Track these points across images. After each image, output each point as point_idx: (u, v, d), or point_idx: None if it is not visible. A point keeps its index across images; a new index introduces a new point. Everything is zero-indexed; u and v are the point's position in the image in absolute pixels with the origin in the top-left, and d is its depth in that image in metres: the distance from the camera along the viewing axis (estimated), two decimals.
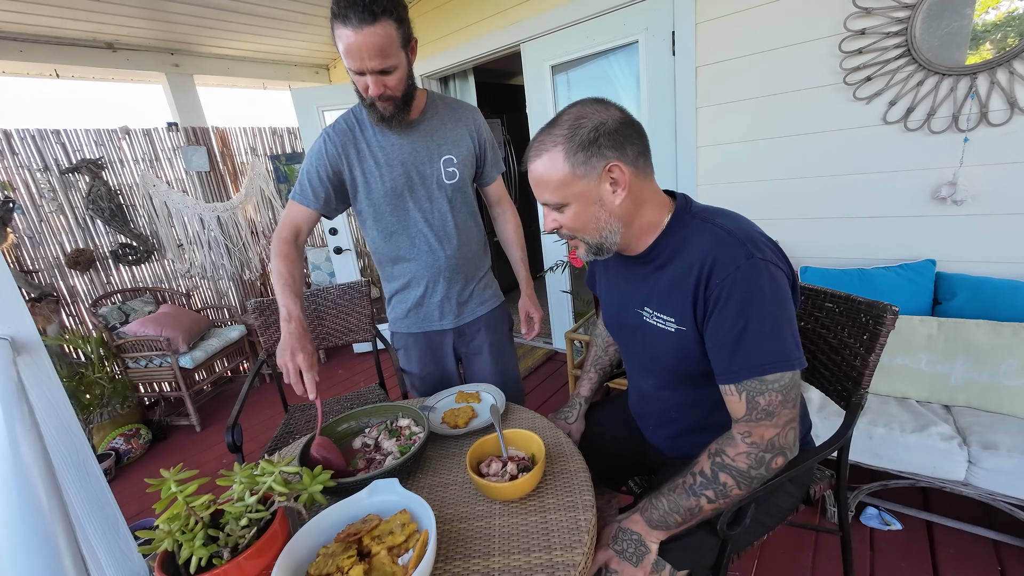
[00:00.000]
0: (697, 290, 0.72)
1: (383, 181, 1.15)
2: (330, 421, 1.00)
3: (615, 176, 0.72)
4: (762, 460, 0.70)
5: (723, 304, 0.69)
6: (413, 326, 1.31)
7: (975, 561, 1.30)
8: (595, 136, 0.70)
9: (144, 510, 2.02)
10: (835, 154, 1.78)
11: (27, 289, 2.51)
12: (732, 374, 0.70)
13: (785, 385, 0.68)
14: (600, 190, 0.73)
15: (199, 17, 2.64)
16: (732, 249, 0.70)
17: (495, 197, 1.35)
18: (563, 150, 0.71)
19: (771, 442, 0.70)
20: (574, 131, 0.71)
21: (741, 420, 0.71)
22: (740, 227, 0.73)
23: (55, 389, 0.74)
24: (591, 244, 0.79)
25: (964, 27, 1.46)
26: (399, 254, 1.24)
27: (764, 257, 0.69)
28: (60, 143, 2.71)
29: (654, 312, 0.81)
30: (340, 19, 0.90)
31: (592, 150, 0.71)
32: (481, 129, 1.24)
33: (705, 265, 0.71)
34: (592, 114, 0.72)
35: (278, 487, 0.65)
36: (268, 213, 3.65)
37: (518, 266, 1.36)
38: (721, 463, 0.71)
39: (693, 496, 0.72)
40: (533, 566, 0.64)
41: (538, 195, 0.78)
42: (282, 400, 1.81)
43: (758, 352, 0.67)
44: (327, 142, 1.14)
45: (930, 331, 1.47)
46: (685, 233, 0.77)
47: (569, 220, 0.77)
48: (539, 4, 2.40)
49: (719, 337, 0.71)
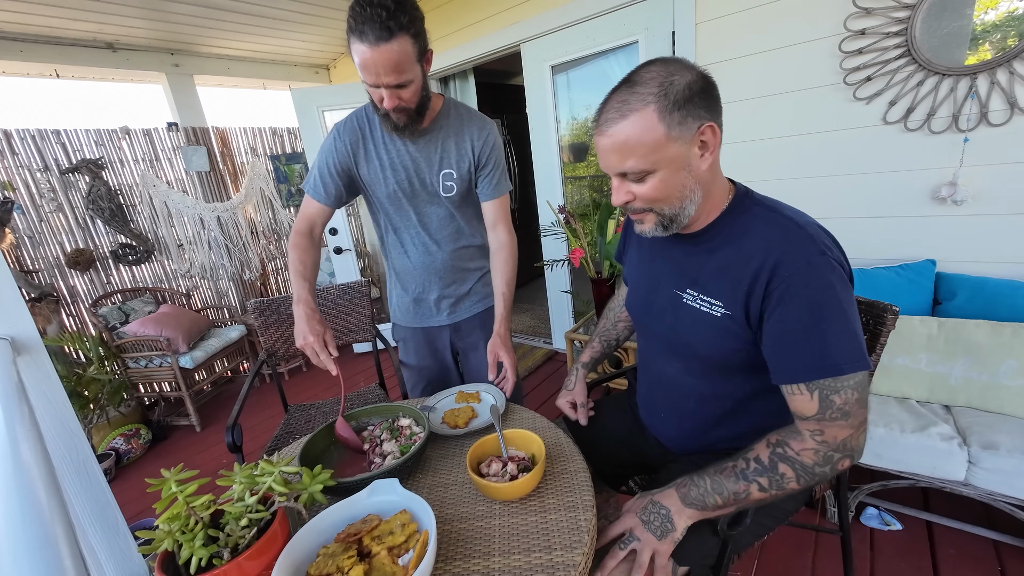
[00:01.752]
0: (756, 280, 0.69)
1: (386, 184, 1.17)
2: (330, 421, 1.00)
3: (706, 139, 0.68)
4: (830, 459, 0.67)
5: (790, 300, 0.66)
6: (411, 320, 1.35)
7: (975, 561, 1.30)
8: (689, 94, 0.65)
9: (144, 510, 2.02)
10: (835, 154, 1.78)
11: (27, 289, 2.51)
12: (798, 372, 0.66)
13: (859, 382, 0.65)
14: (691, 154, 0.68)
15: (199, 17, 2.63)
16: (803, 244, 0.67)
17: (491, 218, 1.23)
18: (656, 109, 0.65)
19: (844, 443, 0.66)
20: (667, 88, 0.65)
21: (811, 418, 0.67)
22: (809, 223, 0.71)
23: (55, 389, 0.74)
24: (665, 215, 0.73)
25: (964, 27, 1.46)
26: (398, 250, 1.28)
27: (834, 256, 0.67)
28: (60, 143, 2.71)
29: (699, 295, 0.77)
30: (356, 34, 0.89)
31: (688, 109, 0.65)
32: (485, 146, 1.17)
33: (771, 256, 0.68)
34: (681, 71, 0.66)
35: (278, 487, 0.65)
36: (268, 213, 3.65)
37: (498, 299, 1.20)
38: (783, 454, 0.68)
39: (743, 480, 0.69)
40: (533, 566, 0.64)
41: (617, 163, 0.70)
42: (282, 400, 1.81)
43: (835, 350, 0.64)
44: (337, 140, 1.15)
45: (930, 331, 1.47)
46: (747, 219, 0.74)
47: (652, 189, 0.70)
48: (539, 4, 2.40)
49: (784, 334, 0.67)
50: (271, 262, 3.73)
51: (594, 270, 2.08)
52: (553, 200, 2.72)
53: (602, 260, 2.07)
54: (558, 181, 2.75)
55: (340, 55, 3.66)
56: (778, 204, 0.76)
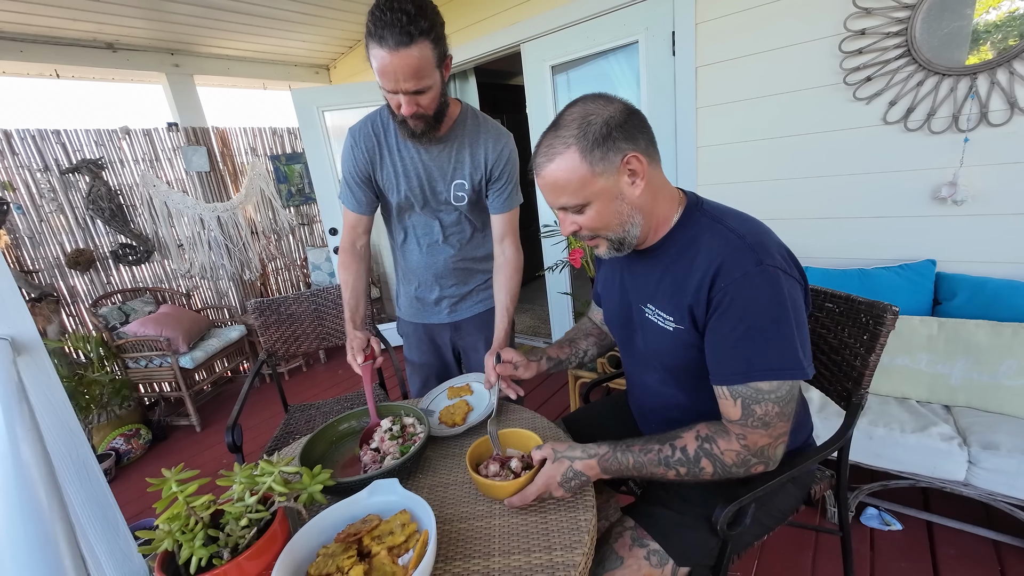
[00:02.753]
0: (699, 291, 0.71)
1: (398, 189, 1.17)
2: (330, 421, 1.00)
3: (633, 167, 0.71)
4: (747, 462, 0.71)
5: (725, 308, 0.68)
6: (414, 316, 1.37)
7: (975, 561, 1.30)
8: (607, 131, 0.69)
9: (144, 510, 2.02)
10: (835, 154, 1.78)
11: (27, 289, 2.51)
12: (725, 377, 0.70)
13: (782, 397, 0.67)
14: (620, 184, 0.72)
15: (199, 17, 2.63)
16: (741, 254, 0.69)
17: (499, 232, 1.22)
18: (578, 149, 0.70)
19: (762, 450, 0.70)
20: (585, 129, 0.69)
21: (736, 423, 0.70)
22: (751, 231, 0.72)
23: (55, 389, 0.74)
24: (613, 240, 0.78)
25: (964, 27, 1.46)
26: (405, 247, 1.29)
27: (775, 264, 0.68)
28: (60, 143, 2.71)
29: (656, 310, 0.80)
30: (376, 39, 0.87)
31: (608, 144, 0.69)
32: (499, 160, 1.16)
33: (711, 267, 0.70)
34: (598, 110, 0.70)
35: (278, 487, 0.65)
36: (268, 213, 3.65)
37: (501, 314, 1.19)
38: (708, 450, 0.71)
39: (664, 467, 0.73)
40: (533, 566, 0.64)
41: (553, 201, 0.76)
42: (282, 400, 1.80)
43: (757, 358, 0.67)
44: (355, 148, 1.15)
45: (930, 331, 1.47)
46: (695, 231, 0.76)
47: (591, 220, 0.75)
48: (539, 4, 2.40)
49: (716, 340, 0.71)
50: (271, 262, 3.73)
51: (593, 270, 2.08)
52: None
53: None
54: None
55: (340, 55, 3.67)
56: (725, 213, 0.77)
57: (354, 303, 1.19)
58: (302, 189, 3.84)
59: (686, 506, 0.82)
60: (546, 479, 0.75)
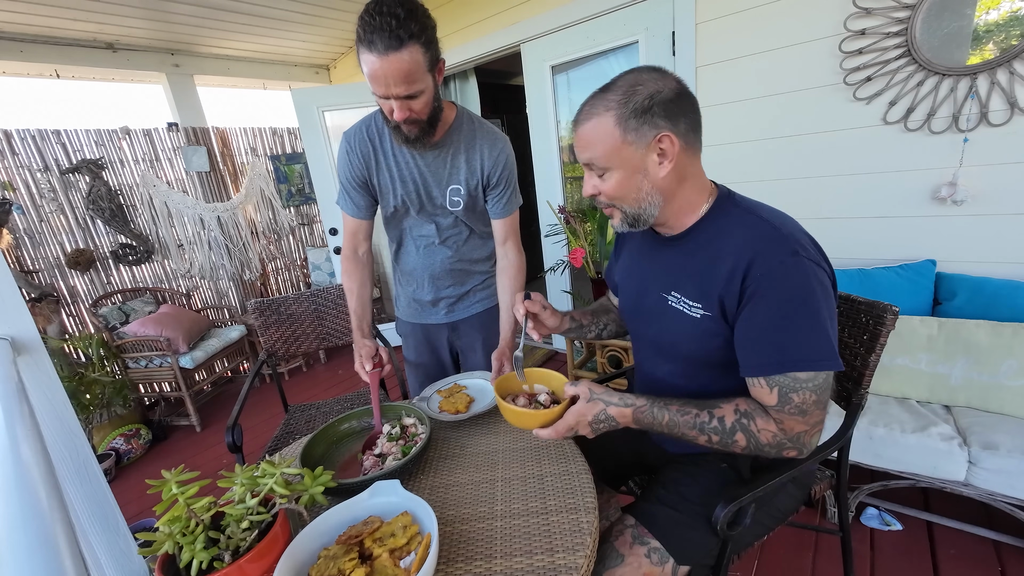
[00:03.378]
0: (731, 280, 0.71)
1: (394, 194, 1.17)
2: (331, 421, 1.00)
3: (664, 147, 0.71)
4: (781, 445, 0.70)
5: (760, 297, 0.68)
6: (412, 316, 1.37)
7: (975, 561, 1.30)
8: (649, 104, 0.69)
9: (144, 510, 2.02)
10: (835, 154, 1.78)
11: (27, 289, 2.51)
12: (760, 367, 0.69)
13: (819, 386, 0.67)
14: (647, 160, 0.72)
15: (199, 17, 2.63)
16: (777, 245, 0.69)
17: (501, 235, 1.22)
18: (615, 115, 0.70)
19: (798, 437, 0.70)
20: (628, 97, 0.69)
21: (772, 408, 0.70)
22: (785, 222, 0.73)
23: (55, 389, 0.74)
24: (628, 214, 0.78)
25: (964, 27, 1.46)
26: (401, 249, 1.29)
27: (809, 256, 0.68)
28: (60, 143, 2.71)
29: (681, 297, 0.80)
30: (365, 44, 0.86)
31: (645, 118, 0.69)
32: (496, 166, 1.15)
33: (744, 256, 0.70)
34: (648, 81, 0.70)
35: (279, 489, 0.65)
36: (268, 213, 3.65)
37: (506, 315, 1.21)
38: (745, 425, 0.71)
39: (698, 431, 0.73)
40: (535, 568, 0.64)
41: (581, 156, 0.77)
42: (282, 400, 1.80)
43: (795, 349, 0.66)
44: (350, 153, 1.14)
45: (930, 331, 1.47)
46: (726, 221, 0.76)
47: (610, 187, 0.75)
48: (539, 4, 2.40)
49: (751, 330, 0.70)
50: (271, 262, 3.73)
51: (594, 270, 2.08)
52: (553, 200, 2.72)
53: (602, 260, 2.07)
54: (558, 181, 2.75)
55: (340, 55, 3.66)
56: (758, 206, 0.77)
57: (360, 311, 1.19)
58: (302, 189, 3.84)
59: (687, 505, 0.82)
60: (578, 416, 0.74)
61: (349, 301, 1.21)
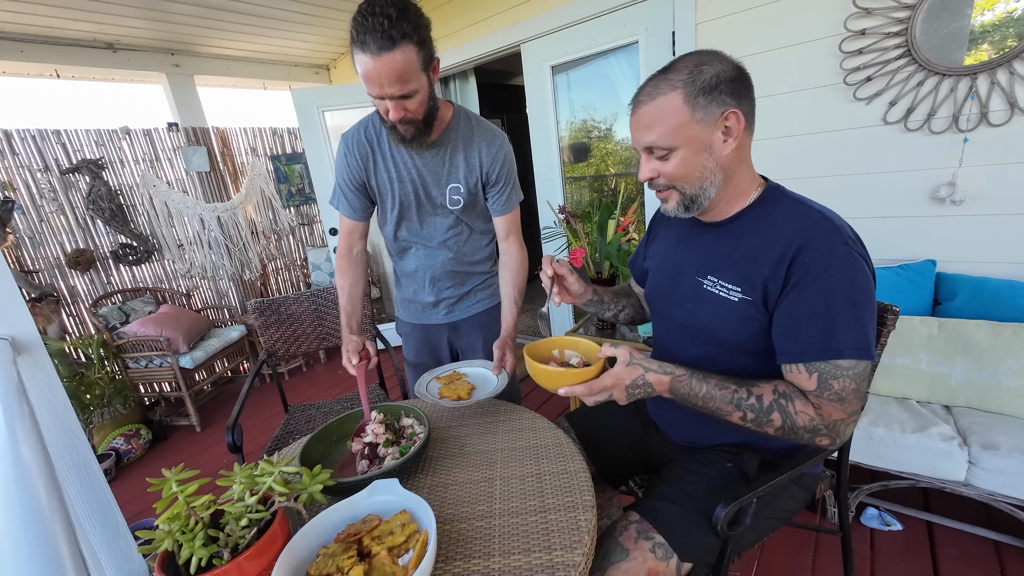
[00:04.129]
0: (778, 264, 0.71)
1: (392, 194, 1.17)
2: (330, 421, 1.00)
3: (730, 124, 0.72)
4: (816, 431, 0.70)
5: (807, 283, 0.69)
6: (412, 317, 1.38)
7: (975, 561, 1.30)
8: (716, 82, 0.70)
9: (144, 510, 2.02)
10: (835, 154, 1.78)
11: (27, 289, 2.51)
12: (804, 354, 0.69)
13: (859, 374, 0.68)
14: (713, 137, 0.73)
15: (199, 17, 2.64)
16: (828, 234, 0.70)
17: (503, 231, 1.23)
18: (683, 93, 0.71)
19: (835, 424, 0.69)
20: (695, 75, 0.70)
21: (811, 393, 0.70)
22: (836, 216, 0.74)
23: (55, 389, 0.74)
24: (687, 194, 0.78)
25: (964, 27, 1.46)
26: (400, 252, 1.29)
27: (858, 250, 0.69)
28: (60, 143, 2.71)
29: (719, 281, 0.80)
30: (358, 44, 0.86)
31: (713, 95, 0.70)
32: (495, 163, 1.15)
33: (794, 242, 0.70)
34: (713, 61, 0.71)
35: (278, 487, 0.65)
36: (268, 213, 3.65)
37: (509, 306, 1.21)
38: (783, 406, 0.70)
39: (734, 406, 0.72)
40: (533, 566, 0.64)
41: (643, 139, 0.76)
42: (282, 400, 1.80)
43: (839, 336, 0.67)
44: (348, 155, 1.15)
45: (930, 331, 1.47)
46: (775, 209, 0.77)
47: (673, 167, 0.75)
48: (539, 4, 2.40)
49: (794, 315, 0.70)
50: (271, 262, 3.73)
51: (594, 270, 2.08)
52: (553, 200, 2.72)
53: (602, 260, 2.07)
54: (558, 181, 2.75)
55: (340, 55, 3.67)
56: (807, 199, 0.79)
57: (351, 309, 1.19)
58: (302, 189, 3.84)
59: (691, 502, 0.82)
60: (615, 379, 0.74)
61: (340, 298, 1.21)
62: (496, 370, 1.09)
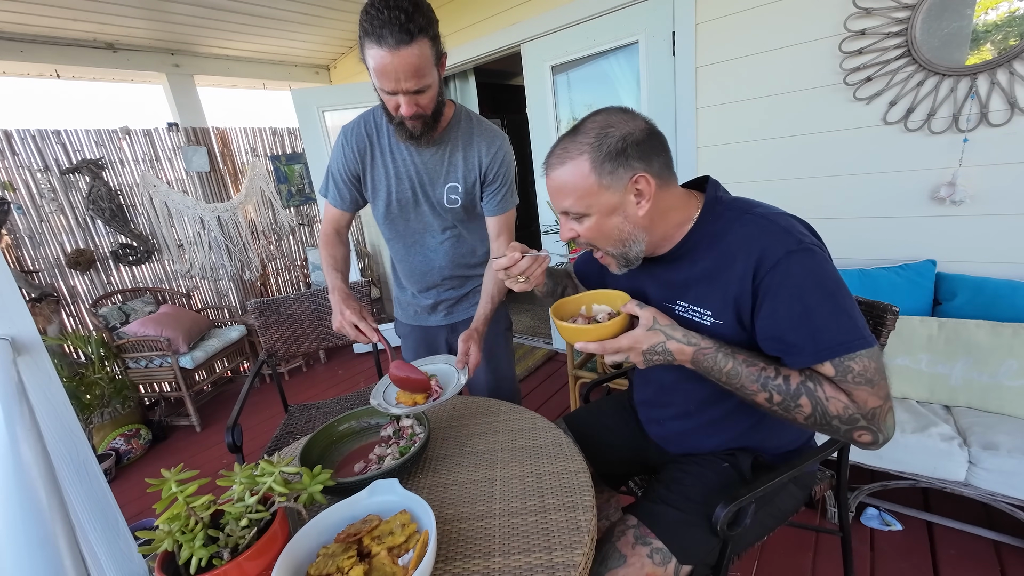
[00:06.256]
0: (743, 282, 0.70)
1: (390, 192, 1.16)
2: (330, 421, 1.00)
3: (640, 188, 0.71)
4: (853, 421, 0.65)
5: (776, 293, 0.67)
6: (410, 319, 1.37)
7: (975, 562, 1.30)
8: (623, 146, 0.69)
9: (144, 510, 2.02)
10: (835, 154, 1.78)
11: (27, 289, 2.51)
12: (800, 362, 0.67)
13: (871, 354, 0.65)
14: (624, 201, 0.72)
15: (199, 17, 2.64)
16: (779, 237, 0.69)
17: (494, 231, 1.21)
18: (589, 159, 0.70)
19: (873, 412, 0.65)
20: (601, 140, 0.69)
21: (835, 378, 0.66)
22: (778, 214, 0.73)
23: (55, 389, 0.74)
24: (616, 256, 0.78)
25: (964, 27, 1.46)
26: (400, 253, 1.29)
27: (812, 243, 0.68)
28: (60, 143, 2.71)
29: (690, 305, 0.79)
30: (374, 38, 0.85)
31: (619, 160, 0.69)
32: (493, 163, 1.13)
33: (751, 255, 0.69)
34: (619, 123, 0.70)
35: (278, 487, 0.65)
36: (268, 213, 3.65)
37: (484, 299, 1.17)
38: (811, 389, 0.66)
39: (761, 386, 0.68)
40: (533, 566, 0.64)
41: (557, 204, 0.76)
42: (282, 400, 1.80)
43: (826, 336, 0.65)
44: (346, 146, 1.14)
45: (930, 331, 1.47)
46: (720, 225, 0.76)
47: (588, 231, 0.75)
48: (539, 4, 2.40)
49: (776, 327, 0.68)
50: (271, 262, 3.73)
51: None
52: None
53: None
54: None
55: (340, 55, 3.67)
56: (748, 203, 0.77)
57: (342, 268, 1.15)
58: (302, 189, 3.84)
59: (689, 504, 0.82)
60: (633, 341, 0.72)
61: (328, 265, 1.15)
62: (460, 364, 1.04)
